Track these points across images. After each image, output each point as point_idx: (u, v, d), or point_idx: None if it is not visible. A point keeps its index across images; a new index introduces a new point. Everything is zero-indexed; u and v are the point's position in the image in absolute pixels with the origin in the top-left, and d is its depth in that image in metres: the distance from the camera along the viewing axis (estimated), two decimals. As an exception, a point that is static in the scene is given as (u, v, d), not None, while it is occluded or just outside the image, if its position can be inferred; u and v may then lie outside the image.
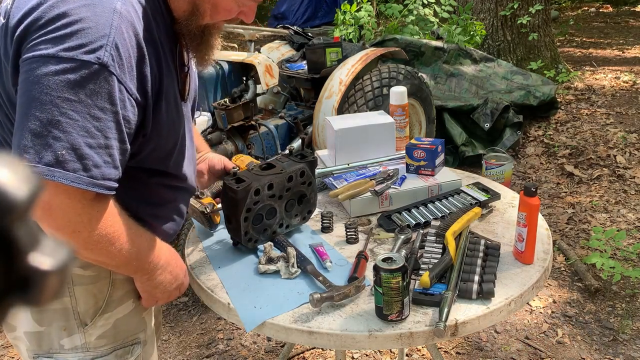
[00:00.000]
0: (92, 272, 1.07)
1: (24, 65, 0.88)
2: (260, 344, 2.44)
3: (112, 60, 0.88)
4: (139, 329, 1.17)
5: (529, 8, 5.73)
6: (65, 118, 0.86)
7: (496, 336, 2.42)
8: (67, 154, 0.87)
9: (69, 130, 0.87)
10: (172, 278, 1.13)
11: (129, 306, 1.14)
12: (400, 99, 1.82)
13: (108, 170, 0.91)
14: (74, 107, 0.87)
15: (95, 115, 0.88)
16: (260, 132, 3.10)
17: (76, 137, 0.87)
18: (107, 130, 0.90)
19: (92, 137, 0.88)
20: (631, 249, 2.91)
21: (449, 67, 4.54)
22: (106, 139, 0.90)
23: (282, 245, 1.32)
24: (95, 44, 0.87)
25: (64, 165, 0.86)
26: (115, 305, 1.11)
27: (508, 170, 1.74)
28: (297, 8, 9.97)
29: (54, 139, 0.86)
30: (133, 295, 1.15)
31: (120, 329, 1.13)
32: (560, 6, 11.21)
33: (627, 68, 6.24)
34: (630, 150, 4.12)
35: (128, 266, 1.04)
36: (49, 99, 0.86)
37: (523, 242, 1.23)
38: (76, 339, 1.09)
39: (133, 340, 1.15)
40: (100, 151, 0.90)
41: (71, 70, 0.86)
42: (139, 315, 1.17)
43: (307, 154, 1.40)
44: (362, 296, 1.15)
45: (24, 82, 0.88)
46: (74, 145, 0.87)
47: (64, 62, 0.86)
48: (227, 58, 2.95)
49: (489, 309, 1.09)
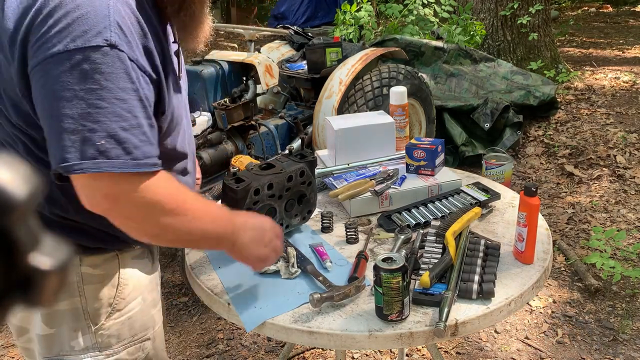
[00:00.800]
0: (101, 270, 1.07)
1: (37, 71, 0.88)
2: (260, 344, 2.44)
3: (119, 39, 0.88)
4: (149, 325, 1.17)
5: (529, 8, 5.73)
6: (94, 108, 0.86)
7: (496, 336, 2.42)
8: (107, 143, 0.87)
9: (101, 119, 0.87)
10: (258, 232, 1.09)
11: (138, 303, 1.14)
12: (400, 99, 1.82)
13: (146, 148, 0.92)
14: (98, 95, 0.87)
15: (120, 97, 0.88)
16: (260, 132, 3.10)
17: (110, 124, 0.87)
18: (134, 109, 0.90)
19: (124, 120, 0.89)
20: (631, 249, 2.91)
21: (449, 67, 4.54)
22: (136, 118, 0.90)
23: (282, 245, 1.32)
24: (98, 26, 0.86)
25: (106, 155, 0.87)
26: (126, 303, 1.11)
27: (508, 170, 1.74)
28: (297, 8, 9.97)
29: (89, 131, 0.86)
30: (142, 292, 1.15)
31: (131, 326, 1.12)
32: (560, 6, 11.21)
33: (627, 68, 6.24)
34: (630, 150, 4.12)
35: (208, 237, 1.03)
36: (72, 94, 0.86)
37: (523, 242, 1.23)
38: (87, 340, 1.08)
39: (143, 336, 1.15)
40: (134, 131, 0.90)
41: (84, 61, 0.86)
42: (149, 312, 1.17)
43: (307, 154, 1.40)
44: (362, 296, 1.15)
45: (43, 87, 0.88)
46: (110, 132, 0.87)
47: (75, 54, 0.85)
48: (227, 58, 2.95)
49: (489, 309, 1.09)
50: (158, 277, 1.24)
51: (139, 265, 1.14)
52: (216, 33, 11.19)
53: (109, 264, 1.08)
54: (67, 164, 0.86)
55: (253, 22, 11.82)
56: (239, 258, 1.11)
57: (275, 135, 3.18)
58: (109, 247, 1.08)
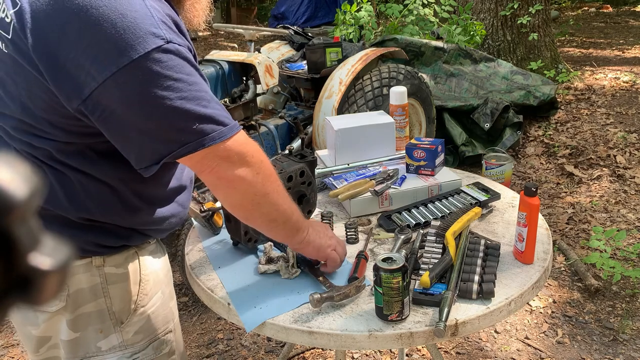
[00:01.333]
0: (124, 269, 1.08)
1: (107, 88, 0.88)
2: (260, 344, 2.44)
3: (169, 34, 0.91)
4: (169, 317, 1.18)
5: (529, 8, 5.73)
6: (178, 101, 0.91)
7: (496, 336, 2.42)
8: (199, 123, 0.93)
9: (187, 107, 0.92)
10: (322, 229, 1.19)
11: (159, 297, 1.15)
12: (400, 99, 1.82)
13: (225, 113, 0.99)
14: (176, 87, 0.91)
15: (192, 81, 0.94)
16: (260, 132, 3.10)
17: (195, 107, 0.93)
18: (204, 87, 0.96)
19: (203, 99, 0.95)
20: (631, 249, 2.91)
21: (449, 67, 4.54)
22: (207, 92, 0.97)
23: (282, 245, 1.32)
24: (149, 28, 0.89)
25: (205, 133, 0.94)
26: (148, 298, 1.12)
27: (508, 170, 1.75)
28: (297, 8, 9.98)
29: (182, 121, 0.92)
30: (161, 286, 1.16)
31: (154, 321, 1.14)
32: (560, 6, 11.22)
33: (627, 68, 6.24)
34: (630, 150, 4.12)
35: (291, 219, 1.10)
36: (153, 101, 0.90)
37: (523, 242, 1.23)
38: (113, 339, 1.09)
39: (166, 329, 1.17)
40: (212, 105, 0.97)
41: (153, 63, 0.88)
42: (168, 305, 1.18)
43: (306, 154, 1.40)
44: (362, 296, 1.15)
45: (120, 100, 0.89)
46: (199, 114, 0.93)
47: (141, 61, 0.88)
48: (227, 58, 2.95)
49: (489, 309, 1.09)
50: (171, 271, 1.25)
51: (156, 259, 1.16)
52: (216, 33, 11.20)
53: (130, 262, 1.09)
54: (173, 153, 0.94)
55: (253, 22, 11.82)
56: (313, 249, 1.17)
57: (275, 135, 3.18)
58: (131, 243, 1.09)
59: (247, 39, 3.21)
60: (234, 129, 0.99)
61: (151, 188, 1.08)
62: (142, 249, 1.12)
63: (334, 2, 9.67)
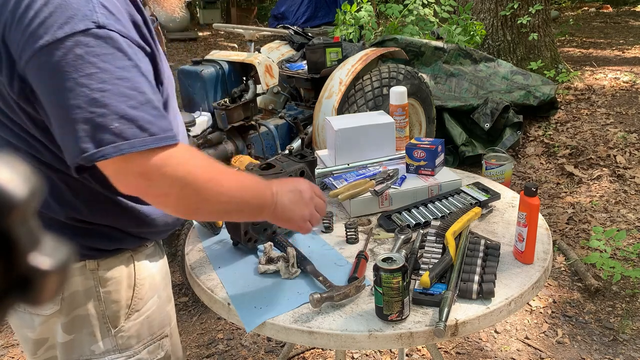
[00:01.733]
0: (118, 273, 1.07)
1: (30, 68, 0.85)
2: (260, 344, 2.44)
3: (106, 18, 0.85)
4: (166, 322, 1.17)
5: (529, 8, 5.73)
6: (98, 93, 0.84)
7: (496, 336, 2.42)
8: (120, 124, 0.85)
9: (108, 102, 0.84)
10: (296, 193, 1.09)
11: (155, 302, 1.14)
12: (400, 99, 1.82)
13: (161, 122, 0.89)
14: (99, 78, 0.84)
15: (122, 76, 0.86)
16: (260, 132, 3.10)
17: (118, 105, 0.85)
18: (140, 86, 0.88)
19: (131, 98, 0.86)
20: (631, 249, 2.91)
21: (449, 67, 4.54)
22: (143, 94, 0.88)
23: (282, 245, 1.32)
24: (82, 9, 0.84)
25: (124, 136, 0.85)
26: (143, 303, 1.11)
27: (508, 170, 1.75)
28: (297, 8, 9.99)
29: (100, 117, 0.84)
30: (158, 290, 1.15)
31: (150, 325, 1.13)
32: (560, 6, 11.22)
33: (627, 68, 6.24)
34: (630, 150, 4.12)
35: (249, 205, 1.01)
36: (73, 84, 0.83)
37: (523, 242, 1.23)
38: (107, 343, 1.08)
39: (161, 334, 1.16)
40: (144, 108, 0.87)
41: (76, 46, 0.83)
42: (164, 309, 1.17)
43: (306, 154, 1.40)
44: (362, 296, 1.15)
45: (40, 82, 0.85)
46: (120, 113, 0.85)
47: (65, 42, 0.83)
48: (227, 58, 2.95)
49: (489, 309, 1.09)
50: (169, 274, 1.24)
51: (152, 263, 1.15)
52: (216, 33, 11.20)
53: (124, 266, 1.08)
54: (87, 154, 0.84)
55: (253, 22, 11.82)
56: (284, 222, 1.09)
57: (275, 135, 3.18)
58: (125, 246, 1.08)
59: (247, 39, 3.21)
60: (163, 141, 0.88)
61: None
62: (138, 253, 1.11)
63: (334, 2, 9.68)
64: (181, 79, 2.89)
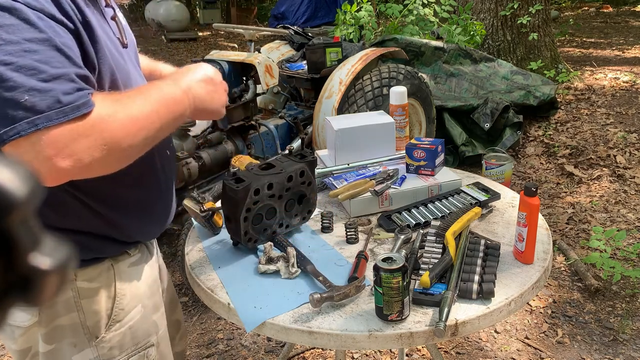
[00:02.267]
0: (97, 283, 1.05)
1: None
2: (260, 344, 2.44)
3: None
4: (152, 331, 1.15)
5: (529, 8, 5.73)
6: (2, 66, 0.78)
7: (496, 336, 2.42)
8: (31, 97, 0.78)
9: (13, 76, 0.78)
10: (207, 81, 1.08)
11: (138, 311, 1.12)
12: (400, 99, 1.82)
13: (79, 93, 0.83)
14: (4, 50, 0.78)
15: (30, 48, 0.80)
16: (260, 132, 3.10)
17: (28, 79, 0.78)
18: (51, 60, 0.81)
19: (41, 72, 0.80)
20: (631, 249, 2.91)
21: (449, 67, 4.55)
22: (56, 68, 0.82)
23: (282, 245, 1.32)
24: None
25: (36, 109, 0.78)
26: (125, 313, 1.09)
27: (508, 170, 1.75)
28: (297, 8, 9.99)
29: (7, 90, 0.77)
30: (142, 300, 1.13)
31: (133, 335, 1.11)
32: (560, 6, 11.22)
33: (627, 68, 6.24)
34: (630, 150, 4.12)
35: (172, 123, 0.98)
36: None
37: (523, 242, 1.23)
38: (88, 353, 1.06)
39: (146, 344, 1.14)
40: (58, 81, 0.81)
41: None
42: (150, 318, 1.15)
43: (306, 154, 1.40)
44: (362, 296, 1.15)
45: None
46: (31, 87, 0.78)
47: None
48: (227, 58, 2.95)
49: (489, 309, 1.09)
50: (158, 281, 1.22)
51: (136, 272, 1.12)
52: (216, 33, 11.20)
53: (104, 276, 1.06)
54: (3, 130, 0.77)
55: (253, 22, 11.82)
56: (205, 114, 1.08)
57: (275, 135, 3.18)
58: (103, 254, 1.05)
59: (247, 39, 3.21)
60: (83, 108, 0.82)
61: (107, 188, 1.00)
62: (119, 262, 1.08)
63: (334, 2, 9.68)
64: (181, 79, 2.88)
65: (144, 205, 1.11)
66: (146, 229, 1.14)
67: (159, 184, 1.14)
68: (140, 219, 1.10)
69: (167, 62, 1.41)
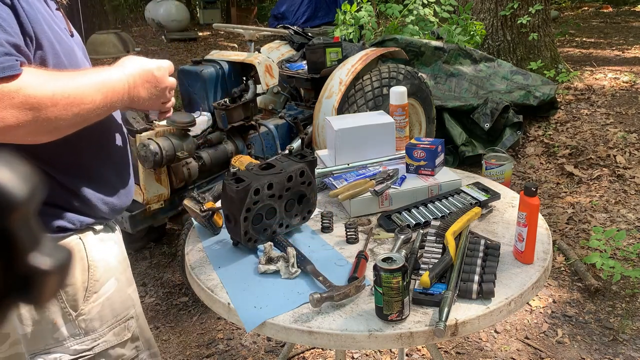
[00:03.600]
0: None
1: None
2: (260, 344, 2.44)
3: None
4: (129, 304, 1.19)
5: (529, 8, 5.73)
6: None
7: (496, 336, 2.42)
8: None
9: None
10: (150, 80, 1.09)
11: (112, 284, 1.15)
12: (400, 99, 1.82)
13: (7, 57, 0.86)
14: None
15: None
16: (260, 132, 3.10)
17: None
18: None
19: None
20: (631, 249, 2.91)
21: (449, 67, 4.55)
22: None
23: (282, 245, 1.32)
24: None
25: None
26: (100, 285, 1.12)
27: (508, 170, 1.75)
28: (297, 8, 9.98)
29: None
30: (114, 273, 1.16)
31: (111, 307, 1.14)
32: (560, 6, 11.22)
33: (627, 68, 6.24)
34: (630, 150, 4.12)
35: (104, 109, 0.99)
36: None
37: (523, 242, 1.23)
38: (70, 327, 1.08)
39: (126, 316, 1.18)
40: None
41: None
42: (125, 291, 1.19)
43: (306, 154, 1.40)
44: (362, 296, 1.15)
45: None
46: None
47: None
48: (227, 58, 2.95)
49: (489, 309, 1.09)
50: (127, 259, 1.25)
51: (104, 247, 1.15)
52: (216, 33, 11.20)
53: (75, 249, 1.09)
54: None
55: (253, 22, 11.82)
56: (137, 107, 1.11)
57: (275, 135, 3.18)
58: (70, 226, 1.07)
59: (247, 39, 3.21)
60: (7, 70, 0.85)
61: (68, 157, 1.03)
62: (87, 236, 1.11)
63: (334, 2, 9.68)
64: (181, 79, 2.89)
65: (105, 176, 1.14)
66: (108, 202, 1.15)
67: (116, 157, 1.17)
68: (101, 189, 1.12)
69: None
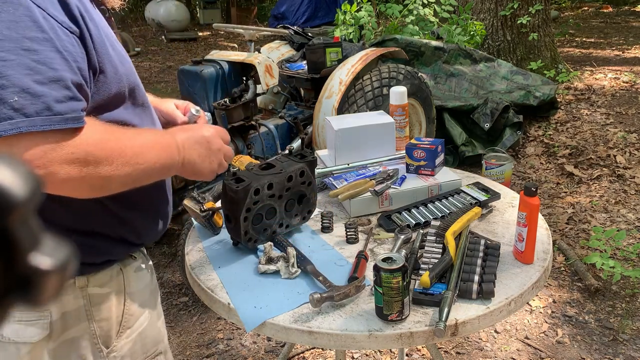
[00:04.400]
0: (108, 288, 1.03)
1: None
2: (260, 344, 2.44)
3: None
4: (159, 339, 1.15)
5: (529, 8, 5.73)
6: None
7: (496, 336, 2.42)
8: (21, 99, 0.76)
9: (8, 73, 0.75)
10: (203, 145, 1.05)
11: (146, 318, 1.11)
12: (400, 99, 1.82)
13: (71, 103, 0.81)
14: (2, 46, 0.76)
15: (29, 47, 0.77)
16: (260, 132, 3.10)
17: (20, 77, 0.76)
18: (51, 61, 0.79)
19: (38, 73, 0.78)
20: (631, 249, 2.91)
21: (449, 67, 4.55)
22: (54, 70, 0.79)
23: (282, 245, 1.32)
24: None
25: (24, 112, 0.76)
26: (134, 319, 1.08)
27: (508, 170, 1.75)
28: (297, 8, 9.99)
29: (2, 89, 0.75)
30: (148, 306, 1.12)
31: (143, 343, 1.10)
32: (560, 6, 11.22)
33: (627, 68, 6.24)
34: (630, 150, 4.12)
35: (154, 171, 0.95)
36: None
37: (523, 242, 1.23)
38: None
39: (155, 352, 1.13)
40: (53, 85, 0.79)
41: None
42: (155, 325, 1.14)
43: (306, 154, 1.40)
44: (362, 296, 1.15)
45: None
46: (23, 87, 0.76)
47: None
48: (227, 58, 2.95)
49: (489, 309, 1.09)
50: (158, 289, 1.22)
51: (141, 278, 1.12)
52: (216, 33, 11.20)
53: (114, 281, 1.05)
54: None
55: (253, 22, 11.82)
56: (192, 175, 1.06)
57: (275, 135, 3.18)
58: (114, 257, 1.04)
59: (247, 39, 3.21)
60: (70, 122, 0.80)
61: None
62: (127, 266, 1.08)
63: (334, 2, 9.68)
64: (181, 79, 2.89)
65: (152, 204, 1.11)
66: (153, 229, 1.12)
67: (163, 183, 1.14)
68: (148, 218, 1.10)
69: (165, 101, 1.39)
